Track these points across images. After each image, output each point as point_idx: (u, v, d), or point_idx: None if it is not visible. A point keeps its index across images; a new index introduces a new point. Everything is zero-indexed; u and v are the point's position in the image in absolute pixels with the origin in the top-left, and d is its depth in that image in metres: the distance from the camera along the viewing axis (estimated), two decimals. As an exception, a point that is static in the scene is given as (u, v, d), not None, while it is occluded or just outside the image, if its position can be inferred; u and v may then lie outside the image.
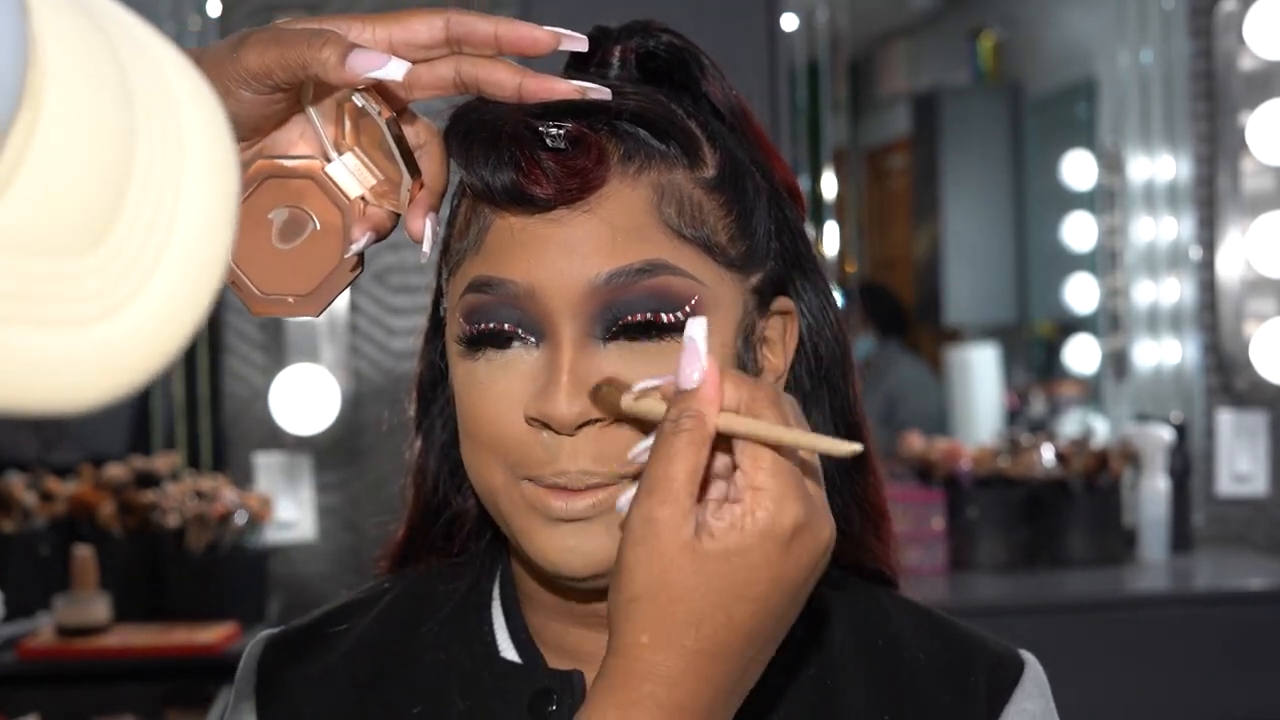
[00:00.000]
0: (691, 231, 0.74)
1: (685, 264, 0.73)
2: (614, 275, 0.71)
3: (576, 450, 0.71)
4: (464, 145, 0.73)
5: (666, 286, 0.72)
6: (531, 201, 0.71)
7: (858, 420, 0.83)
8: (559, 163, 0.71)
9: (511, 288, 0.72)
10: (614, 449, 0.71)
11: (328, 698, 0.82)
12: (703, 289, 0.73)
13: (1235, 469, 2.92)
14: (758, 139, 0.82)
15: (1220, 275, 2.93)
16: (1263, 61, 2.88)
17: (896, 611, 0.84)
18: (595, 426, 0.71)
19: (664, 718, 0.62)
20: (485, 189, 0.72)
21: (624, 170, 0.73)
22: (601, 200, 0.72)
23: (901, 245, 4.43)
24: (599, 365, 0.72)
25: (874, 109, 4.56)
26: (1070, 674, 2.36)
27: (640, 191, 0.73)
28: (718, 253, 0.75)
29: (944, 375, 3.76)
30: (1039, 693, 0.82)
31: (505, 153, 0.71)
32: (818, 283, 0.82)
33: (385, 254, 2.78)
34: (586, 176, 0.71)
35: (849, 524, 0.82)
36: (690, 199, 0.74)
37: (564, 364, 0.71)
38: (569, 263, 0.72)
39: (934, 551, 2.63)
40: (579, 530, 0.72)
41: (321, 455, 2.77)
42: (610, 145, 0.73)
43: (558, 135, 0.71)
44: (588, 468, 0.71)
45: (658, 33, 0.80)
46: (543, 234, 0.72)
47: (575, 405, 0.70)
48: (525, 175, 0.71)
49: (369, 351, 2.78)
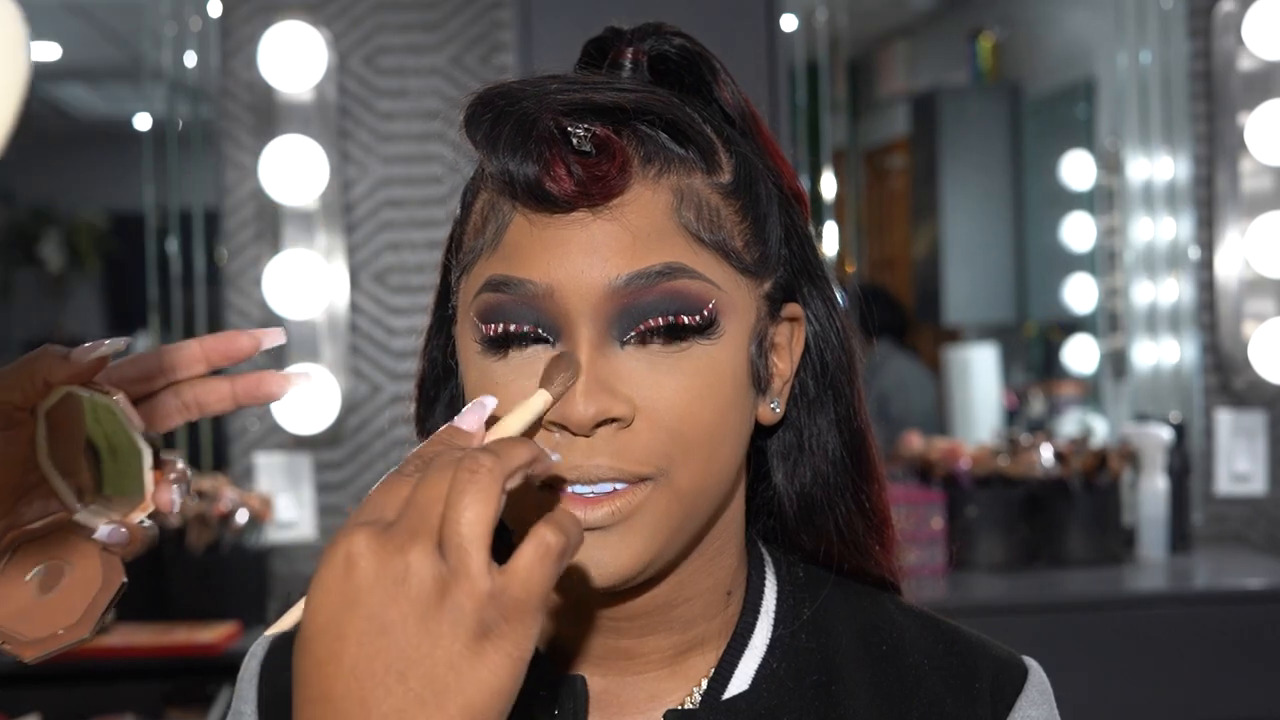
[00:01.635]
0: (710, 236, 0.74)
1: (703, 268, 0.73)
2: (634, 278, 0.71)
3: (592, 448, 0.71)
4: (492, 132, 0.72)
5: (685, 289, 0.72)
6: (554, 201, 0.72)
7: (862, 427, 0.83)
8: (584, 166, 0.71)
9: (531, 288, 0.72)
10: (631, 449, 0.71)
11: None
12: (720, 293, 0.74)
13: (1234, 468, 2.92)
14: (766, 144, 0.82)
15: (1219, 275, 2.93)
16: (1261, 62, 2.89)
17: (900, 617, 0.84)
18: (612, 427, 0.71)
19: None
20: (508, 181, 0.72)
21: (645, 173, 0.73)
22: (623, 204, 0.72)
23: (901, 245, 4.43)
24: (616, 367, 0.72)
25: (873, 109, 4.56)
26: (1070, 673, 2.36)
27: (660, 195, 0.73)
28: (734, 258, 0.75)
29: (943, 375, 3.76)
30: (1043, 699, 0.82)
31: (534, 148, 0.71)
32: (824, 289, 0.82)
33: (386, 254, 2.79)
34: (610, 182, 0.71)
35: (852, 530, 0.82)
36: (708, 204, 0.74)
37: (582, 365, 0.71)
38: (589, 264, 0.71)
39: (934, 551, 2.63)
40: (600, 541, 0.72)
41: (321, 455, 2.77)
42: (632, 148, 0.73)
43: (584, 137, 0.72)
44: (604, 464, 0.71)
45: (670, 35, 0.80)
46: (563, 235, 0.72)
47: (592, 406, 0.70)
48: (549, 174, 0.71)
49: (369, 351, 2.79)
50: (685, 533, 0.75)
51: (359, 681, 0.54)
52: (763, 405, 0.79)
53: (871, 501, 0.83)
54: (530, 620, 0.56)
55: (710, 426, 0.73)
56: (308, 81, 2.73)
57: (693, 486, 0.73)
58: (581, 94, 0.73)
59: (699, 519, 0.75)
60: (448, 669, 0.54)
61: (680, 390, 0.72)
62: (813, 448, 0.82)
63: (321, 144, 2.72)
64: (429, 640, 0.55)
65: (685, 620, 0.79)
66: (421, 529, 0.56)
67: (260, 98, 2.75)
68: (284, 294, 2.69)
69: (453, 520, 0.56)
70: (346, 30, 2.79)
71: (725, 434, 0.74)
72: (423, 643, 0.55)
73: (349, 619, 0.55)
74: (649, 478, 0.72)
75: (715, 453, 0.74)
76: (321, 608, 0.56)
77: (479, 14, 2.82)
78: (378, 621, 0.55)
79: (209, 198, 2.87)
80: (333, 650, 0.55)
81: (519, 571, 0.56)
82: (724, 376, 0.74)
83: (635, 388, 0.72)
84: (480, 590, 0.55)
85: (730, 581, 0.81)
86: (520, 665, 0.56)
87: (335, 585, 0.56)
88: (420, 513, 0.57)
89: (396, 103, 2.80)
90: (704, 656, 0.80)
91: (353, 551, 0.56)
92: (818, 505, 0.82)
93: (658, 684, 0.79)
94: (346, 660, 0.55)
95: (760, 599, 0.82)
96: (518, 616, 0.56)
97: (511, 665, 0.55)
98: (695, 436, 0.72)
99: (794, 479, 0.82)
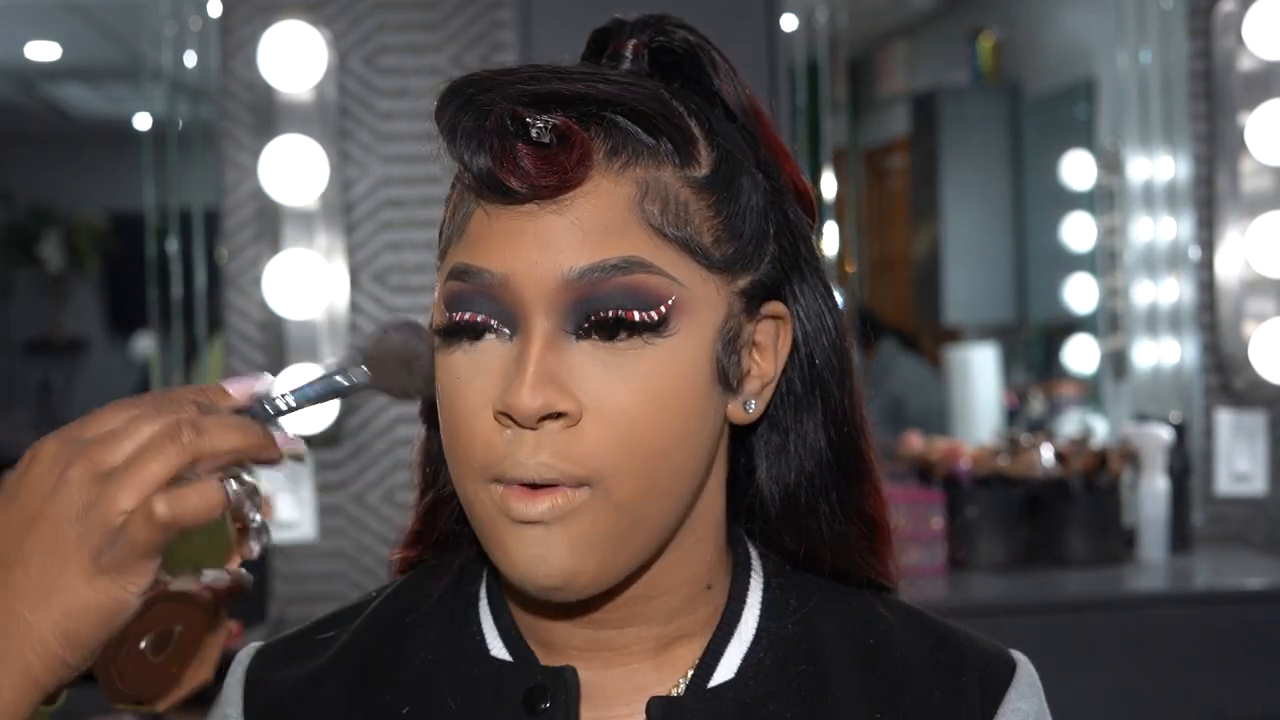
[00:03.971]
0: (674, 231, 0.73)
1: (664, 263, 0.72)
2: (588, 270, 0.71)
3: (539, 444, 0.71)
4: (451, 123, 0.72)
5: (641, 284, 0.71)
6: (506, 192, 0.71)
7: (854, 428, 0.81)
8: (540, 158, 0.70)
9: (487, 277, 0.72)
10: (575, 448, 0.71)
11: (316, 700, 0.82)
12: (681, 289, 0.72)
13: (1234, 468, 2.92)
14: (769, 140, 0.81)
15: (1219, 275, 2.93)
16: (1261, 62, 2.89)
17: (886, 612, 0.84)
18: (558, 423, 0.71)
19: None
20: (463, 171, 0.72)
21: (609, 165, 0.72)
22: (581, 195, 0.71)
23: (901, 245, 4.43)
24: (568, 361, 0.71)
25: (873, 109, 4.56)
26: (1069, 673, 2.36)
27: (623, 188, 0.72)
28: (700, 254, 0.74)
29: (944, 375, 3.76)
30: (1032, 692, 0.82)
31: (487, 139, 0.71)
32: (818, 287, 0.81)
33: (386, 254, 2.79)
34: (565, 174, 0.71)
35: (836, 532, 0.81)
36: (676, 198, 0.73)
37: (531, 356, 0.71)
38: (543, 255, 0.71)
39: (933, 551, 2.63)
40: (542, 539, 0.71)
41: (321, 455, 2.77)
42: (598, 139, 0.72)
43: (544, 129, 0.71)
44: (546, 461, 0.71)
45: (672, 29, 0.80)
46: (518, 225, 0.72)
47: (538, 398, 0.70)
48: (502, 166, 0.70)
49: (369, 351, 2.78)
50: (636, 540, 0.74)
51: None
52: (734, 404, 0.78)
53: (863, 504, 0.82)
54: (135, 567, 0.64)
55: (660, 430, 0.72)
56: (308, 81, 2.73)
57: (634, 496, 0.72)
58: (549, 85, 0.72)
59: (649, 526, 0.74)
60: (60, 574, 0.64)
61: (631, 392, 0.71)
62: (798, 447, 0.81)
63: (321, 144, 2.72)
64: (57, 544, 0.64)
65: (666, 613, 0.79)
66: (99, 458, 0.64)
67: (260, 98, 2.75)
68: (284, 294, 2.69)
69: (128, 466, 0.64)
70: (346, 30, 2.80)
71: (680, 437, 0.73)
72: (52, 544, 0.64)
73: (9, 504, 0.65)
74: (586, 484, 0.71)
75: (665, 456, 0.73)
76: (3, 490, 0.66)
77: (479, 14, 2.82)
78: (26, 514, 0.65)
79: (209, 198, 2.87)
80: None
81: (138, 524, 0.63)
82: (680, 376, 0.73)
83: (585, 385, 0.71)
84: (108, 525, 0.63)
85: (709, 575, 0.80)
86: (123, 598, 0.65)
87: (16, 475, 0.66)
88: (110, 446, 0.65)
89: (396, 103, 2.80)
90: (689, 648, 0.80)
91: (38, 452, 0.66)
92: (801, 505, 0.81)
93: (643, 675, 0.79)
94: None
95: (746, 591, 0.82)
96: (128, 559, 0.64)
97: (115, 592, 0.64)
98: (642, 440, 0.71)
99: (777, 478, 0.82)
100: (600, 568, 0.73)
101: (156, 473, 0.63)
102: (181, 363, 2.94)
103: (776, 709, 0.78)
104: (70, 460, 0.64)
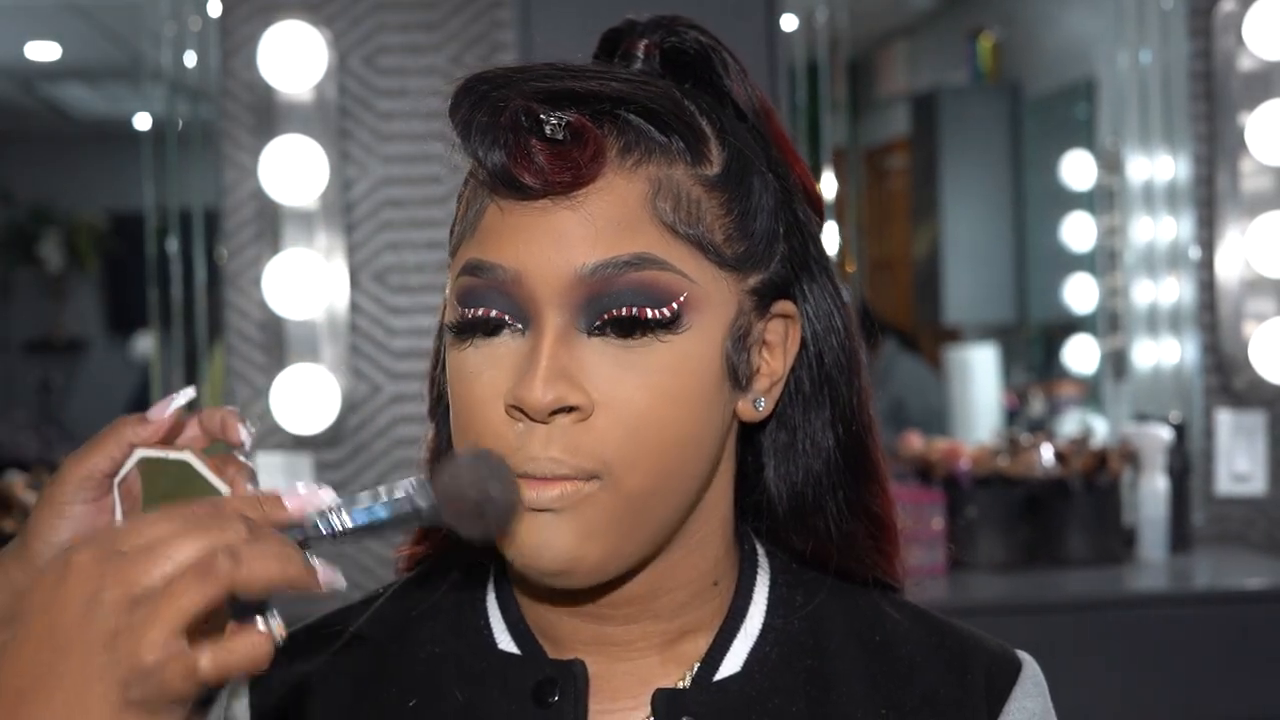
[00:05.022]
0: (686, 228, 0.73)
1: (676, 260, 0.73)
2: (600, 267, 0.71)
3: (549, 438, 0.71)
4: (465, 119, 0.73)
5: (654, 281, 0.72)
6: (520, 188, 0.72)
7: (862, 428, 0.82)
8: (553, 154, 0.71)
9: (500, 273, 0.72)
10: (586, 442, 0.71)
11: (324, 692, 0.82)
12: (692, 286, 0.73)
13: (1234, 469, 2.92)
14: (778, 140, 0.82)
15: (1219, 275, 2.93)
16: (1262, 62, 2.88)
17: (893, 610, 0.84)
18: (569, 417, 0.71)
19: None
20: (478, 166, 0.73)
21: (622, 162, 0.73)
22: (593, 192, 0.72)
23: (901, 245, 4.43)
24: (580, 355, 0.72)
25: (873, 109, 4.56)
26: (1069, 673, 2.36)
27: (635, 185, 0.73)
28: (712, 251, 0.74)
29: (944, 375, 3.76)
30: (1037, 691, 0.83)
31: (501, 135, 0.71)
32: (827, 287, 0.81)
33: (386, 254, 2.79)
34: (578, 171, 0.71)
35: (843, 531, 0.82)
36: (688, 195, 0.74)
37: (544, 350, 0.71)
38: (556, 251, 0.71)
39: (934, 551, 2.63)
40: (549, 525, 0.72)
41: (321, 455, 2.77)
42: (611, 137, 0.73)
43: (558, 125, 0.71)
44: (557, 456, 0.71)
45: (684, 29, 0.80)
46: (531, 221, 0.72)
47: (550, 392, 0.70)
48: (516, 161, 0.71)
49: (369, 351, 2.79)
50: (642, 533, 0.74)
51: (19, 678, 0.59)
52: (743, 402, 0.78)
53: (870, 503, 0.83)
54: (168, 711, 0.58)
55: (670, 425, 0.73)
56: (308, 81, 2.73)
57: (643, 488, 0.73)
58: (563, 82, 0.73)
59: (656, 520, 0.75)
60: (89, 709, 0.58)
61: (641, 387, 0.72)
62: (806, 446, 0.82)
63: (321, 144, 2.72)
64: (85, 675, 0.58)
65: (672, 609, 0.79)
66: (134, 579, 0.58)
67: (260, 98, 2.75)
68: (284, 294, 2.69)
69: (160, 596, 0.58)
70: (346, 30, 2.79)
71: (689, 432, 0.74)
72: (81, 675, 0.58)
73: (39, 618, 0.59)
74: (596, 476, 0.72)
75: (674, 452, 0.73)
76: (30, 596, 0.60)
77: (479, 14, 2.82)
78: (57, 638, 0.58)
79: (209, 198, 2.87)
80: (18, 636, 0.59)
81: (176, 674, 0.58)
82: (690, 373, 0.73)
83: (597, 380, 0.72)
84: (137, 660, 0.57)
85: (716, 572, 0.81)
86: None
87: (49, 585, 0.59)
88: (146, 567, 0.59)
89: (396, 103, 2.80)
90: (696, 643, 0.81)
91: (72, 563, 0.59)
92: (808, 504, 0.82)
93: (650, 669, 0.80)
94: (23, 651, 0.59)
95: (752, 587, 0.82)
96: (160, 702, 0.58)
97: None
98: (652, 435, 0.72)
99: (785, 476, 0.82)
100: (604, 556, 0.73)
101: (186, 608, 0.58)
102: (181, 363, 2.94)
103: (781, 703, 0.79)
104: (104, 577, 0.59)
